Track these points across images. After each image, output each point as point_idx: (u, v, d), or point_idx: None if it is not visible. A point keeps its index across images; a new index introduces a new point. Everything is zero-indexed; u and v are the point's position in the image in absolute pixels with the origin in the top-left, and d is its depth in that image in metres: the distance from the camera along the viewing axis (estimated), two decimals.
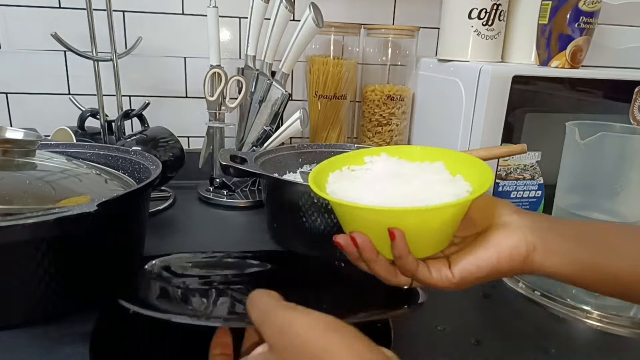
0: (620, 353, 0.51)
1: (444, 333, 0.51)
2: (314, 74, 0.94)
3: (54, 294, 0.49)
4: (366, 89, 0.97)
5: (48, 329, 0.49)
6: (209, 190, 0.91)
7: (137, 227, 0.60)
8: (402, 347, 0.49)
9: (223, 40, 0.96)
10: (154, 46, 0.94)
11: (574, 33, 0.77)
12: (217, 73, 0.85)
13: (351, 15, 0.99)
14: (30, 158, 0.58)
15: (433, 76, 0.92)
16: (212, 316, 0.49)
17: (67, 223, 0.44)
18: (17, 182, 0.53)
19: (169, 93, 0.98)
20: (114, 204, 0.48)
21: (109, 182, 0.62)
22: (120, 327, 0.47)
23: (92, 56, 0.81)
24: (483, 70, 0.73)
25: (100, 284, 0.54)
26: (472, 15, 0.82)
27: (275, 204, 0.71)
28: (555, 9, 0.77)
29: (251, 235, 0.76)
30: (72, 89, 0.93)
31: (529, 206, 0.80)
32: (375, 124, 0.97)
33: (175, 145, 0.86)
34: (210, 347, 0.42)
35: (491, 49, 0.85)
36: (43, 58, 0.91)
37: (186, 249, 0.67)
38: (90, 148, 0.71)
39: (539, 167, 0.78)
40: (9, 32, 0.89)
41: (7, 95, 0.92)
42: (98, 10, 0.80)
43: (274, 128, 0.88)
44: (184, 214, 0.83)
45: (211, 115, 0.88)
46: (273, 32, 0.85)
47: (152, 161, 0.66)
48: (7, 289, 0.46)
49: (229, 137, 0.95)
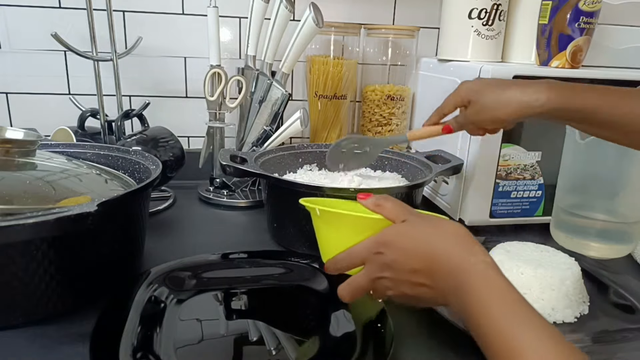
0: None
1: (446, 327, 0.51)
2: (314, 74, 0.94)
3: (53, 293, 0.49)
4: (366, 89, 0.97)
5: (48, 329, 0.49)
6: (209, 190, 0.91)
7: (137, 227, 0.60)
8: (402, 345, 0.49)
9: (223, 40, 0.96)
10: (154, 46, 0.94)
11: (574, 33, 0.77)
12: (217, 73, 0.85)
13: (351, 15, 0.99)
14: (31, 158, 0.58)
15: (433, 76, 0.92)
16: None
17: (67, 223, 0.44)
18: (17, 182, 0.53)
19: (169, 93, 0.98)
20: (114, 204, 0.49)
21: (109, 182, 0.62)
22: (120, 327, 0.47)
23: (92, 56, 0.81)
24: (483, 70, 0.73)
25: (100, 284, 0.54)
26: (472, 15, 0.82)
27: (275, 204, 0.71)
28: (555, 9, 0.77)
29: (251, 235, 0.76)
30: (72, 89, 0.93)
31: (529, 206, 0.80)
32: (375, 124, 0.97)
33: (175, 145, 0.86)
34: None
35: (491, 49, 0.85)
36: (43, 58, 0.91)
37: (186, 249, 0.67)
38: (90, 148, 0.71)
39: (539, 167, 0.78)
40: (9, 32, 0.89)
41: (7, 95, 0.92)
42: (98, 10, 0.80)
43: (274, 128, 0.88)
44: (184, 214, 0.83)
45: (211, 115, 0.88)
46: (273, 32, 0.85)
47: (152, 161, 0.66)
48: (7, 289, 0.46)
49: (229, 137, 0.95)
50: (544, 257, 0.59)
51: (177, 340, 0.47)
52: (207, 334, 0.49)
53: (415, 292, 0.40)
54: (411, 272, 0.39)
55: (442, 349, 0.49)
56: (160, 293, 0.54)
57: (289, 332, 0.50)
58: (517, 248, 0.61)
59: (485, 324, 0.33)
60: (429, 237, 0.39)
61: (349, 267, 0.43)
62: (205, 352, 0.47)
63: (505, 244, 0.62)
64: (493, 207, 0.78)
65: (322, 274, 0.59)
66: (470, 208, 0.78)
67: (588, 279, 0.59)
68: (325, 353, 0.46)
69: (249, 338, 0.49)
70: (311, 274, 0.60)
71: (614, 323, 0.55)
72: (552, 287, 0.54)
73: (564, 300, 0.54)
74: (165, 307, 0.52)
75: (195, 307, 0.53)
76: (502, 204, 0.78)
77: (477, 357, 0.47)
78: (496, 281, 0.35)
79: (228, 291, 0.57)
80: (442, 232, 0.39)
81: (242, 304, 0.55)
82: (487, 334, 0.33)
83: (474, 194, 0.77)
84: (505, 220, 0.80)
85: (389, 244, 0.40)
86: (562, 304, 0.54)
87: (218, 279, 0.59)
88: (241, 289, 0.58)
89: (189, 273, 0.59)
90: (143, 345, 0.45)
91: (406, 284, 0.40)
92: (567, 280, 0.55)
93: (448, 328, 0.50)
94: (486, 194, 0.77)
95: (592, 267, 0.65)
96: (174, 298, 0.54)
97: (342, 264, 0.43)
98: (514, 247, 0.62)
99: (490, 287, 0.34)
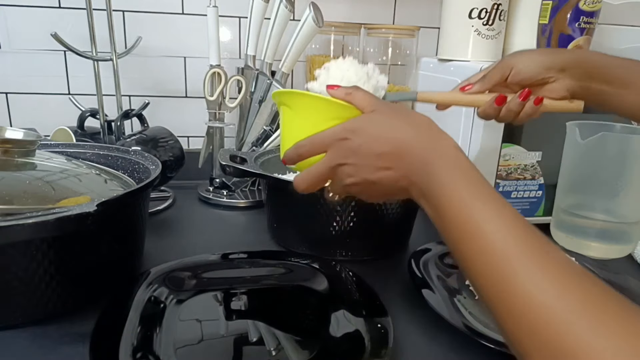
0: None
1: (446, 327, 0.51)
2: (314, 73, 0.93)
3: (53, 293, 0.49)
4: None
5: (48, 329, 0.49)
6: (208, 190, 0.91)
7: (137, 227, 0.60)
8: (402, 345, 0.49)
9: (223, 40, 0.96)
10: (154, 46, 0.94)
11: (575, 33, 0.77)
12: (217, 73, 0.85)
13: (351, 14, 0.99)
14: (30, 158, 0.58)
15: (433, 76, 0.92)
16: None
17: (67, 223, 0.44)
18: (17, 182, 0.53)
19: (169, 93, 0.98)
20: (114, 204, 0.48)
21: (109, 182, 0.62)
22: (120, 327, 0.47)
23: (92, 56, 0.81)
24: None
25: (100, 284, 0.54)
26: (472, 15, 0.82)
27: (275, 204, 0.71)
28: (555, 8, 0.77)
29: (251, 235, 0.76)
30: (72, 89, 0.93)
31: (529, 206, 0.80)
32: None
33: (175, 145, 0.86)
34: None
35: (491, 49, 0.85)
36: (43, 58, 0.91)
37: (186, 249, 0.67)
38: (90, 148, 0.71)
39: (539, 167, 0.78)
40: (9, 32, 0.89)
41: (7, 95, 0.92)
42: (98, 10, 0.80)
43: (274, 128, 0.88)
44: (183, 214, 0.83)
45: (211, 115, 0.88)
46: (273, 31, 0.85)
47: (152, 161, 0.66)
48: (7, 289, 0.46)
49: (229, 137, 0.95)
50: None
51: (177, 340, 0.47)
52: (207, 334, 0.49)
53: (378, 177, 0.40)
54: (376, 156, 0.39)
55: (442, 349, 0.49)
56: (160, 293, 0.54)
57: (289, 332, 0.50)
58: None
59: (447, 204, 0.34)
60: (398, 124, 0.40)
61: (310, 153, 0.43)
62: (205, 352, 0.47)
63: None
64: None
65: (322, 274, 0.59)
66: None
67: None
68: (325, 353, 0.46)
69: (248, 338, 0.49)
70: (311, 274, 0.60)
71: None
72: None
73: None
74: (165, 307, 0.52)
75: (195, 307, 0.53)
76: None
77: (478, 357, 0.48)
78: (462, 163, 0.36)
79: (228, 291, 0.57)
80: (411, 121, 0.40)
81: (242, 304, 0.55)
82: (448, 215, 0.33)
83: None
84: None
85: (356, 130, 0.40)
86: None
87: (218, 279, 0.59)
88: (241, 289, 0.57)
89: (189, 273, 0.59)
90: (143, 345, 0.45)
91: (369, 168, 0.40)
92: None
93: (448, 328, 0.50)
94: None
95: (592, 267, 0.65)
96: (174, 298, 0.54)
97: (304, 149, 0.43)
98: None
99: (455, 166, 0.36)
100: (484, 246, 0.30)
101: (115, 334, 0.46)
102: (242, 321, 0.52)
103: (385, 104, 0.43)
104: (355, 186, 0.42)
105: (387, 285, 0.60)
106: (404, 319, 0.53)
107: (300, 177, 0.43)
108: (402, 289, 0.60)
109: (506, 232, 0.30)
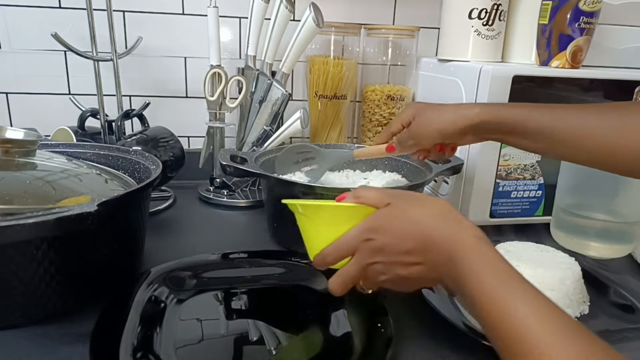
0: None
1: (446, 327, 0.51)
2: (314, 74, 0.94)
3: (54, 293, 0.49)
4: (366, 89, 0.97)
5: (48, 329, 0.49)
6: (209, 190, 0.91)
7: (137, 227, 0.60)
8: (402, 345, 0.49)
9: (223, 40, 0.96)
10: (154, 46, 0.94)
11: (574, 33, 0.77)
12: (217, 73, 0.85)
13: (351, 15, 0.99)
14: (31, 158, 0.58)
15: (433, 76, 0.92)
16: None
17: (67, 223, 0.44)
18: (17, 182, 0.53)
19: (169, 93, 0.98)
20: (114, 204, 0.48)
21: (109, 182, 0.62)
22: (120, 327, 0.47)
23: (92, 56, 0.81)
24: (483, 71, 0.73)
25: (100, 284, 0.54)
26: (472, 15, 0.82)
27: (275, 204, 0.71)
28: (555, 9, 0.77)
29: (251, 235, 0.76)
30: (72, 89, 0.93)
31: (529, 206, 0.80)
32: (375, 124, 0.97)
33: (175, 145, 0.86)
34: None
35: (491, 49, 0.85)
36: (43, 58, 0.91)
37: (186, 249, 0.67)
38: (90, 148, 0.71)
39: (539, 167, 0.78)
40: (9, 32, 0.89)
41: (7, 95, 0.92)
42: (98, 10, 0.80)
43: (274, 128, 0.88)
44: (184, 214, 0.83)
45: (211, 115, 0.88)
46: (273, 32, 0.85)
47: (152, 161, 0.66)
48: (7, 288, 0.46)
49: (229, 137, 0.95)
50: (544, 257, 0.59)
51: (177, 340, 0.47)
52: (207, 333, 0.49)
53: (409, 272, 0.40)
54: (404, 253, 0.40)
55: (442, 349, 0.49)
56: (160, 293, 0.54)
57: (289, 332, 0.50)
58: (517, 248, 0.61)
59: (478, 295, 0.34)
60: (418, 217, 0.40)
61: (337, 259, 0.43)
62: (205, 352, 0.47)
63: (506, 244, 0.62)
64: (493, 207, 0.78)
65: (322, 274, 0.59)
66: (471, 208, 0.78)
67: (588, 278, 0.59)
68: (325, 353, 0.47)
69: (249, 338, 0.49)
70: (311, 274, 0.60)
71: (614, 323, 0.55)
72: (552, 287, 0.54)
73: (564, 300, 0.54)
74: (165, 307, 0.52)
75: (195, 307, 0.53)
76: (502, 204, 0.79)
77: (477, 357, 0.48)
78: (487, 253, 0.36)
79: (228, 291, 0.57)
80: (429, 211, 0.40)
81: (242, 304, 0.55)
82: (480, 304, 0.34)
83: (474, 194, 0.77)
84: (505, 220, 0.80)
85: (378, 229, 0.40)
86: (562, 304, 0.54)
87: (218, 278, 0.59)
88: (241, 288, 0.58)
89: (189, 273, 0.59)
90: (143, 345, 0.45)
91: (399, 266, 0.40)
92: (567, 280, 0.55)
93: (448, 328, 0.50)
94: (486, 193, 0.77)
95: (592, 267, 0.65)
96: (174, 298, 0.54)
97: (331, 257, 0.43)
98: (514, 247, 0.62)
99: (481, 259, 0.35)
100: (518, 332, 0.31)
101: (115, 333, 0.46)
102: (242, 321, 0.52)
103: (395, 193, 0.43)
104: (389, 282, 0.42)
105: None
106: (404, 319, 0.53)
107: (334, 283, 0.43)
108: None
109: (538, 316, 0.31)
